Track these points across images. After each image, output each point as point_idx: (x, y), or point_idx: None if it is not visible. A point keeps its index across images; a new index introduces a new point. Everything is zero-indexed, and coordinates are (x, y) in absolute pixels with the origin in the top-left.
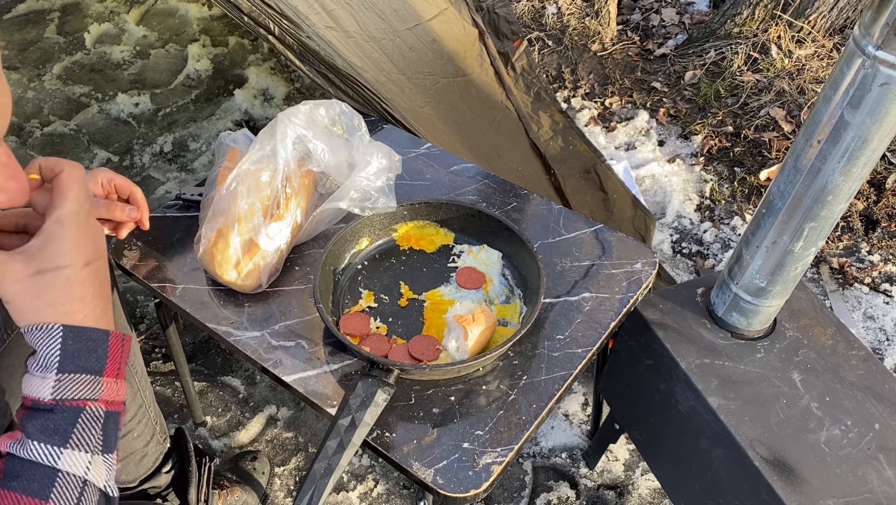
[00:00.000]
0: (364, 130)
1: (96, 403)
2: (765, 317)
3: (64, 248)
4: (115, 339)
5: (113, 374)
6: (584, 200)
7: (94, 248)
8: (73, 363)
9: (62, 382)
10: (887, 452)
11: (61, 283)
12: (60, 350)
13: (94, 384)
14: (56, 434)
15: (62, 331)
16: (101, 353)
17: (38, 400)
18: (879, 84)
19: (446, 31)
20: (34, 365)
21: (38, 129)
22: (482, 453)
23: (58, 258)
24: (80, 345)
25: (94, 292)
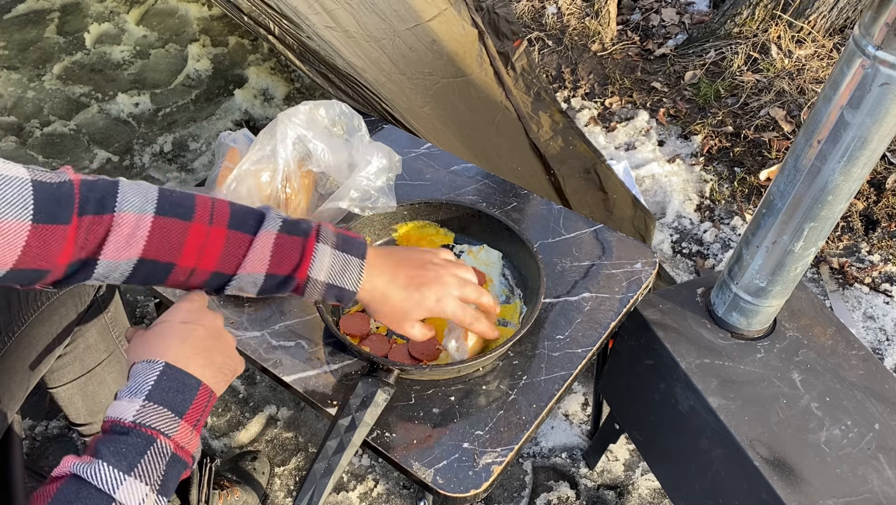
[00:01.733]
0: (364, 131)
1: (168, 441)
2: (765, 317)
3: (172, 310)
4: (204, 390)
5: (191, 421)
6: (584, 200)
7: (192, 315)
8: (161, 395)
9: (146, 409)
10: (887, 452)
11: (164, 330)
12: (155, 381)
13: (172, 422)
14: (125, 459)
15: (163, 366)
16: (188, 397)
17: (119, 421)
18: (879, 84)
19: (446, 31)
20: (125, 391)
21: (38, 129)
22: (482, 453)
23: (165, 316)
24: (173, 383)
25: (196, 348)
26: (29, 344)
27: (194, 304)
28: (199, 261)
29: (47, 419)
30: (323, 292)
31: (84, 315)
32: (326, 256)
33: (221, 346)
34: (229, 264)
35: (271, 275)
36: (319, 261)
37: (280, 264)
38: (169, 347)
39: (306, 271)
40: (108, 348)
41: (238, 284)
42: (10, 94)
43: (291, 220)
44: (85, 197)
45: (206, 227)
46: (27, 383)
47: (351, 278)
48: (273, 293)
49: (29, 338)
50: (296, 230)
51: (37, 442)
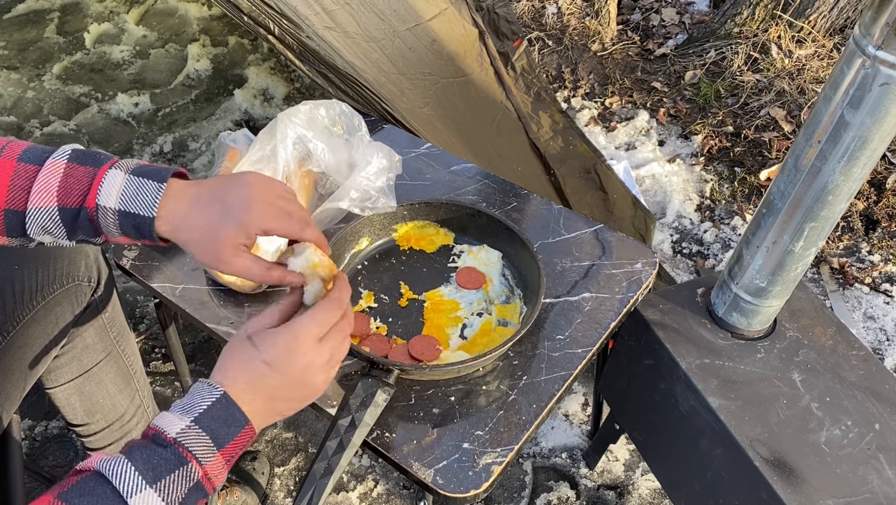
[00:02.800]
0: (364, 130)
1: (199, 468)
2: (765, 317)
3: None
4: (249, 431)
5: (227, 456)
6: (584, 200)
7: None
8: (208, 423)
9: (191, 430)
10: (887, 452)
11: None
12: (208, 407)
13: (209, 451)
14: (152, 470)
15: (221, 395)
16: (233, 432)
17: (162, 433)
18: (879, 84)
19: (446, 31)
20: (179, 406)
21: (37, 129)
22: (482, 453)
23: (275, 355)
24: (224, 414)
25: (262, 394)
26: (25, 344)
27: (300, 342)
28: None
29: (46, 419)
30: (118, 224)
31: (81, 315)
32: (118, 180)
33: (294, 395)
34: (18, 199)
35: (63, 208)
36: (109, 186)
37: (69, 194)
38: (236, 382)
39: (95, 199)
40: (106, 349)
41: (38, 224)
42: (10, 94)
43: (89, 151)
44: None
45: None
46: (24, 384)
47: (145, 202)
48: (83, 236)
49: (25, 338)
50: (90, 160)
51: (36, 442)
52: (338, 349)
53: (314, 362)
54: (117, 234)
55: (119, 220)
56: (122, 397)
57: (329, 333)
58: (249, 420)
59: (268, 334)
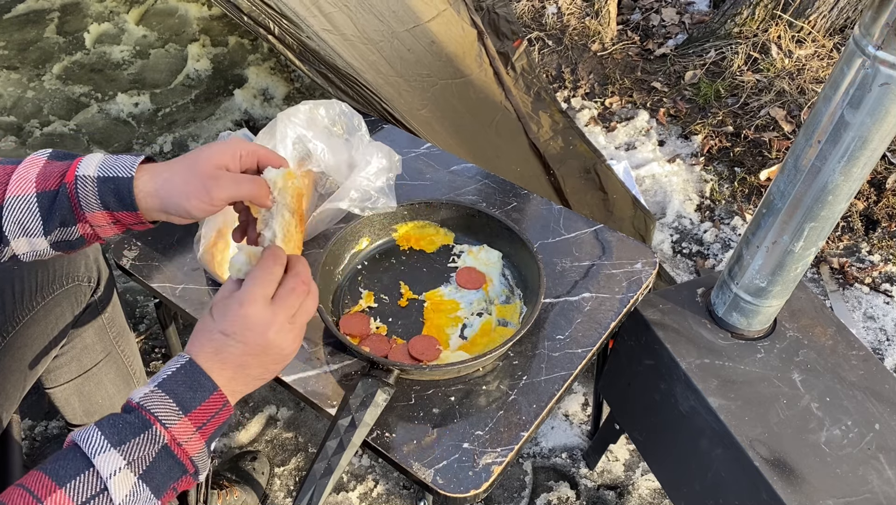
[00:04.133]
0: (364, 130)
1: (164, 431)
2: (765, 317)
3: (223, 308)
4: (218, 396)
5: (196, 421)
6: (584, 200)
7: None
8: (171, 386)
9: (153, 394)
10: (887, 452)
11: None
12: (172, 372)
13: (173, 414)
14: (117, 434)
15: (186, 361)
16: (199, 397)
17: (129, 401)
18: (879, 84)
19: (445, 32)
20: (152, 378)
21: (37, 129)
22: (482, 453)
23: (229, 324)
24: (188, 379)
25: (228, 363)
26: (24, 344)
27: (246, 308)
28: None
29: (46, 419)
30: (97, 192)
31: (81, 316)
32: (96, 158)
33: (264, 360)
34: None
35: (42, 193)
36: (88, 162)
37: (48, 179)
38: (202, 351)
39: (73, 172)
40: (106, 349)
41: (14, 218)
42: (9, 94)
43: (67, 152)
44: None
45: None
46: (24, 384)
47: (124, 166)
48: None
49: (24, 338)
50: (67, 156)
51: (36, 442)
52: (296, 307)
53: (271, 324)
54: (96, 207)
55: (98, 186)
56: (121, 397)
57: (278, 293)
58: (218, 386)
59: (221, 304)
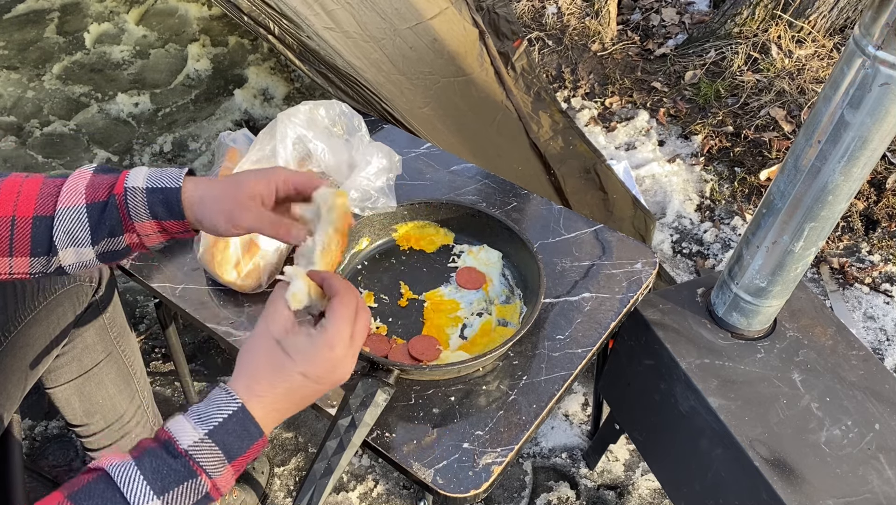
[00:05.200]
0: (364, 131)
1: (209, 481)
2: (765, 317)
3: (307, 350)
4: (261, 443)
5: (237, 467)
6: (584, 200)
7: (323, 371)
8: (222, 437)
9: (203, 444)
10: (887, 452)
11: (277, 367)
12: (224, 420)
13: (220, 465)
14: (161, 481)
15: (239, 409)
16: (245, 446)
17: (174, 442)
18: (879, 84)
19: (447, 30)
20: (195, 413)
21: (37, 129)
22: (482, 453)
23: (315, 368)
24: (239, 429)
25: (289, 402)
26: (26, 344)
27: (336, 352)
28: (16, 207)
29: (47, 419)
30: (146, 203)
31: (82, 316)
32: (143, 170)
33: (315, 398)
34: (47, 204)
35: (91, 204)
36: (135, 174)
37: (97, 190)
38: (261, 386)
39: (123, 184)
40: (106, 349)
41: (64, 228)
42: (10, 94)
43: (111, 167)
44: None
45: (21, 179)
46: (24, 383)
47: (171, 177)
48: (107, 237)
49: (26, 338)
50: (112, 171)
51: (36, 442)
52: (362, 334)
53: (348, 360)
54: (146, 217)
55: (148, 197)
56: (121, 398)
57: (356, 328)
58: (263, 432)
59: (301, 343)
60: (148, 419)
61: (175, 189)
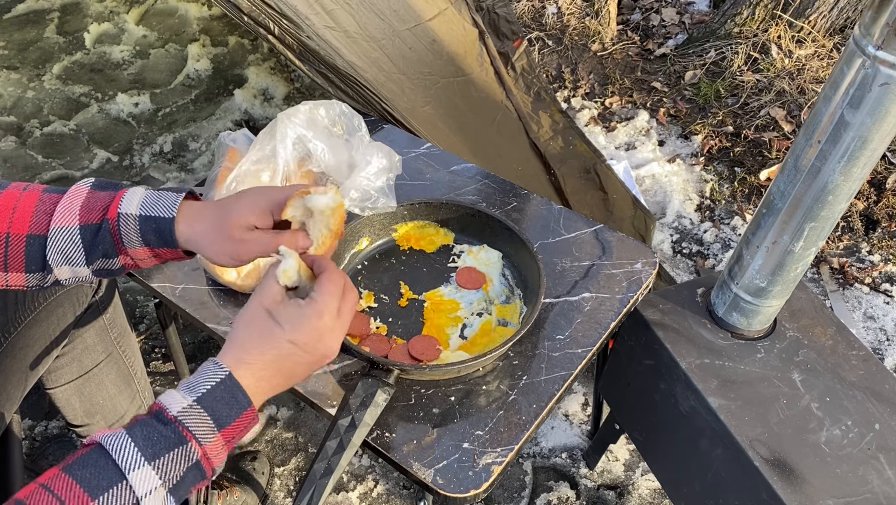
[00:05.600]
0: (364, 131)
1: (199, 448)
2: (765, 317)
3: (296, 318)
4: (250, 413)
5: (227, 437)
6: (584, 200)
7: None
8: (210, 403)
9: (192, 410)
10: (887, 452)
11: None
12: (212, 387)
13: (209, 431)
14: (152, 447)
15: (225, 376)
16: (234, 414)
17: (164, 410)
18: (879, 84)
19: (446, 31)
20: (185, 384)
21: (37, 129)
22: (482, 453)
23: (303, 335)
24: (227, 395)
25: (279, 374)
26: (26, 344)
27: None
28: (11, 223)
29: (47, 419)
30: (139, 230)
31: (82, 316)
32: (138, 193)
33: (314, 365)
34: (41, 223)
35: (84, 226)
36: (130, 197)
37: (90, 212)
38: (251, 355)
39: (116, 208)
40: (107, 350)
41: (58, 248)
42: (10, 94)
43: (109, 181)
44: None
45: (19, 192)
46: (25, 384)
47: (165, 205)
48: (102, 258)
49: (26, 338)
50: (109, 186)
51: (36, 442)
52: (350, 312)
53: (336, 333)
54: (138, 244)
55: (140, 225)
56: (122, 398)
57: (344, 303)
58: (252, 402)
59: (291, 313)
60: None
61: (168, 220)
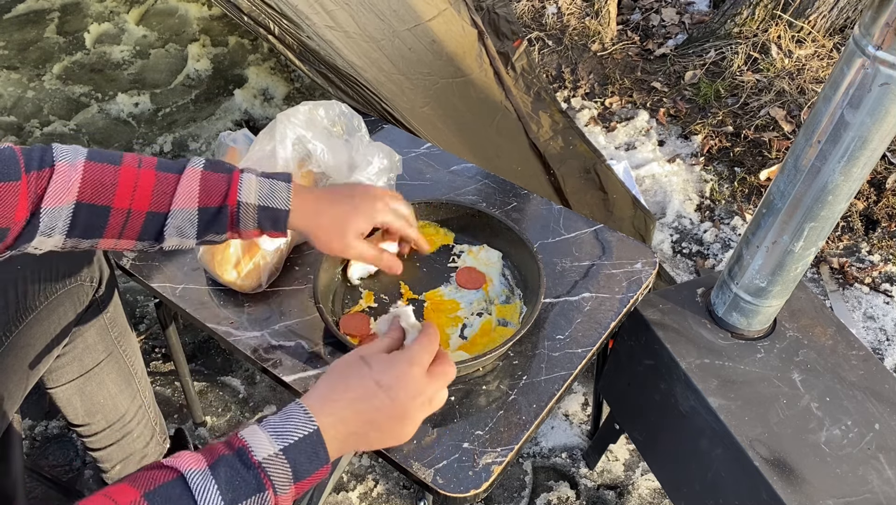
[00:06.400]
0: (364, 131)
1: (273, 497)
2: (765, 317)
3: (386, 361)
4: (325, 470)
5: (300, 489)
6: (584, 200)
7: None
8: (295, 456)
9: (277, 460)
10: (887, 452)
11: (356, 382)
12: (299, 439)
13: (287, 483)
14: (232, 492)
15: (313, 431)
16: (312, 469)
17: (249, 451)
18: (879, 84)
19: (446, 31)
20: (271, 425)
21: (37, 129)
22: (482, 453)
23: (390, 377)
24: (310, 450)
25: (356, 412)
26: (27, 344)
27: (413, 369)
28: (132, 201)
29: (47, 419)
30: (256, 217)
31: (83, 315)
32: (253, 182)
33: (391, 426)
34: (162, 202)
35: (203, 208)
36: (247, 186)
37: (210, 196)
38: (336, 392)
39: (236, 196)
40: (107, 349)
41: (175, 224)
42: (10, 94)
43: (214, 160)
44: (28, 156)
45: (136, 170)
46: (26, 383)
47: (281, 197)
48: (212, 234)
49: (27, 338)
50: (220, 168)
51: (36, 442)
52: (439, 392)
53: (422, 394)
54: (252, 227)
55: (258, 213)
56: (123, 398)
57: (435, 371)
58: (330, 459)
59: (383, 356)
60: (149, 418)
61: (284, 211)
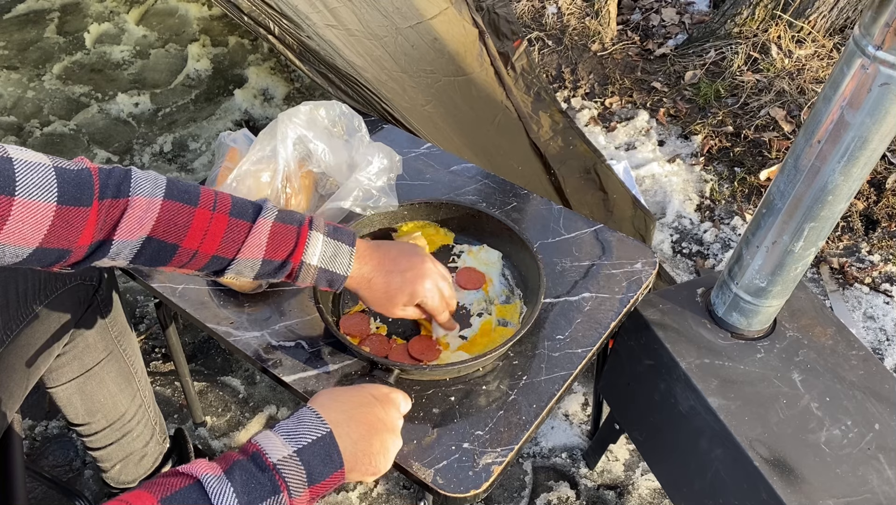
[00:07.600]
0: (364, 131)
1: (288, 500)
2: (765, 317)
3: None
4: (340, 474)
5: (315, 493)
6: (584, 200)
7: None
8: (309, 457)
9: (291, 461)
10: (887, 452)
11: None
12: (313, 441)
13: (301, 485)
14: (248, 494)
15: (327, 434)
16: (327, 471)
17: (263, 454)
18: (879, 84)
19: (447, 30)
20: (284, 429)
21: (37, 129)
22: (482, 453)
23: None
24: (324, 453)
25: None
26: (28, 343)
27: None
28: (202, 244)
29: (47, 419)
30: (315, 277)
31: (83, 315)
32: (319, 242)
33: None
34: (229, 249)
35: (268, 260)
36: (313, 247)
37: (276, 250)
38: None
39: (300, 257)
40: (107, 348)
41: (237, 268)
42: (10, 94)
43: (286, 210)
44: (104, 183)
45: (210, 213)
46: (26, 382)
47: (342, 263)
48: (268, 278)
49: (27, 337)
50: (290, 219)
51: (36, 442)
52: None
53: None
54: (308, 282)
55: (318, 274)
56: (123, 397)
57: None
58: (344, 464)
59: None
60: (149, 418)
61: (343, 277)
